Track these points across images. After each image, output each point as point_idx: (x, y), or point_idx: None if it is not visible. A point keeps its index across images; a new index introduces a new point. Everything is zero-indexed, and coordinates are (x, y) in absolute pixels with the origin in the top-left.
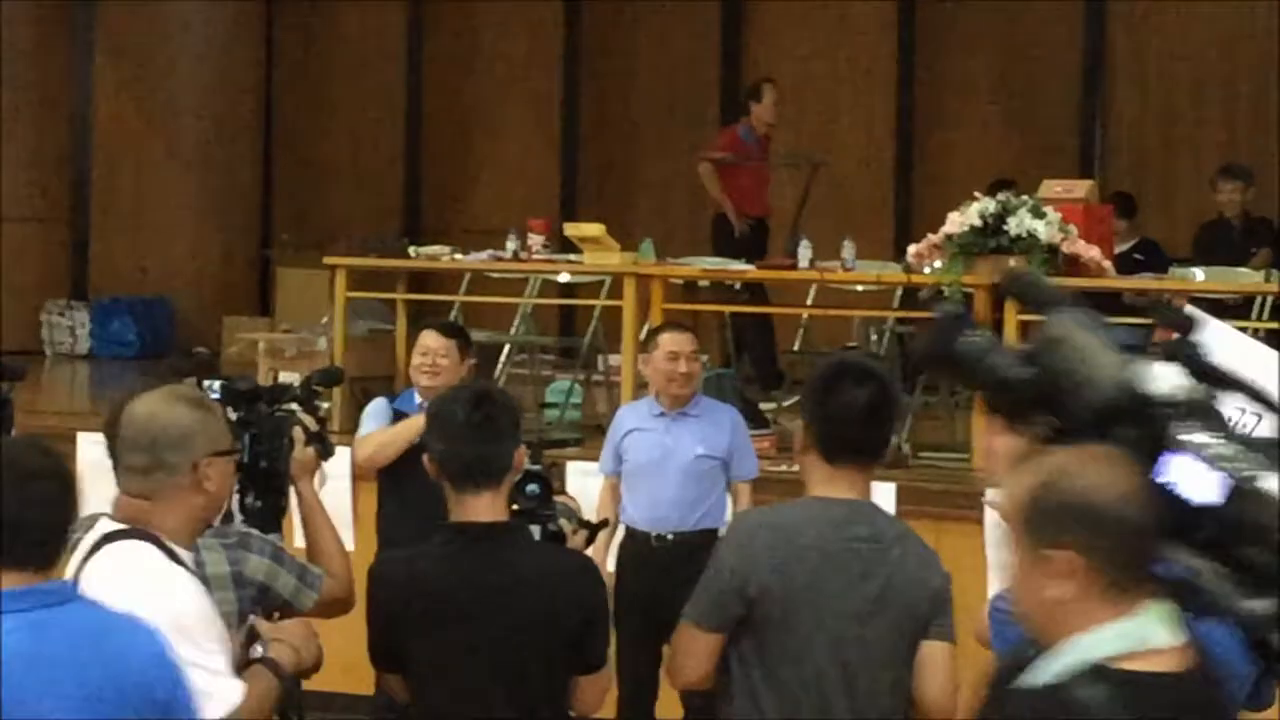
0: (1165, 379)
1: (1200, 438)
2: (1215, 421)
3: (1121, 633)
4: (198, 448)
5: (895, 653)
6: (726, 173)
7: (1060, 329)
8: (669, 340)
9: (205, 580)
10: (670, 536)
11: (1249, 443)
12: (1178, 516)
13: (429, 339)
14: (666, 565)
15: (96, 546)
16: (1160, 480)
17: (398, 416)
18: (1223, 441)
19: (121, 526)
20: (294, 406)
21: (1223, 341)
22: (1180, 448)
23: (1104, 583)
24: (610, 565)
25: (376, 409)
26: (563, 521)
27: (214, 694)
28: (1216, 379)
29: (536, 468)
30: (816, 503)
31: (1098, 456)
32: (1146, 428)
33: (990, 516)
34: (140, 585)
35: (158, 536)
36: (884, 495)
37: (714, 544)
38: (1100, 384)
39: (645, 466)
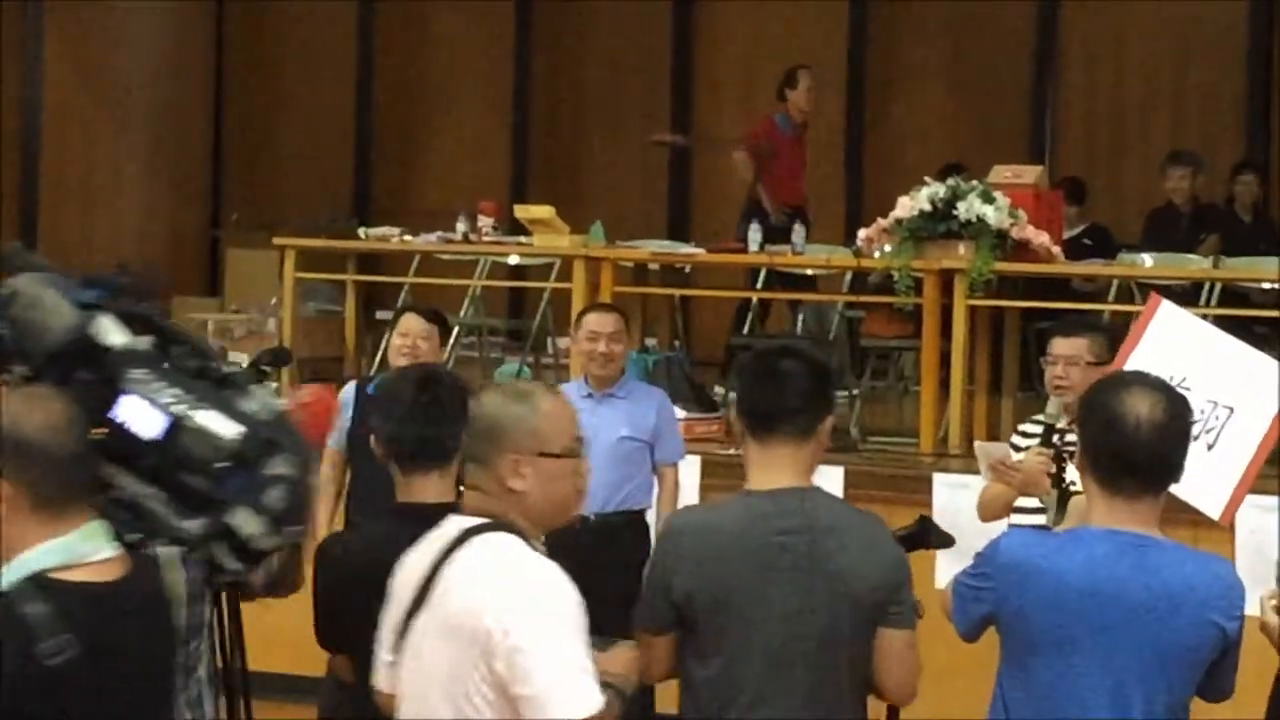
0: (115, 332)
1: (147, 381)
2: (160, 369)
3: (56, 548)
4: (508, 444)
5: (837, 647)
6: (762, 161)
7: (20, 284)
8: (590, 320)
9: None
10: (592, 518)
11: (189, 386)
12: (128, 448)
13: (411, 322)
14: (589, 545)
15: (461, 540)
16: (114, 417)
17: (368, 401)
18: (165, 384)
19: (481, 520)
20: None
21: (1181, 328)
22: (130, 389)
23: (36, 505)
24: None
25: (345, 397)
26: None
27: (584, 695)
28: (163, 334)
29: None
30: (744, 499)
31: (33, 395)
32: (101, 371)
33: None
34: (530, 576)
35: (519, 529)
36: (832, 479)
37: (636, 525)
38: (57, 332)
39: None
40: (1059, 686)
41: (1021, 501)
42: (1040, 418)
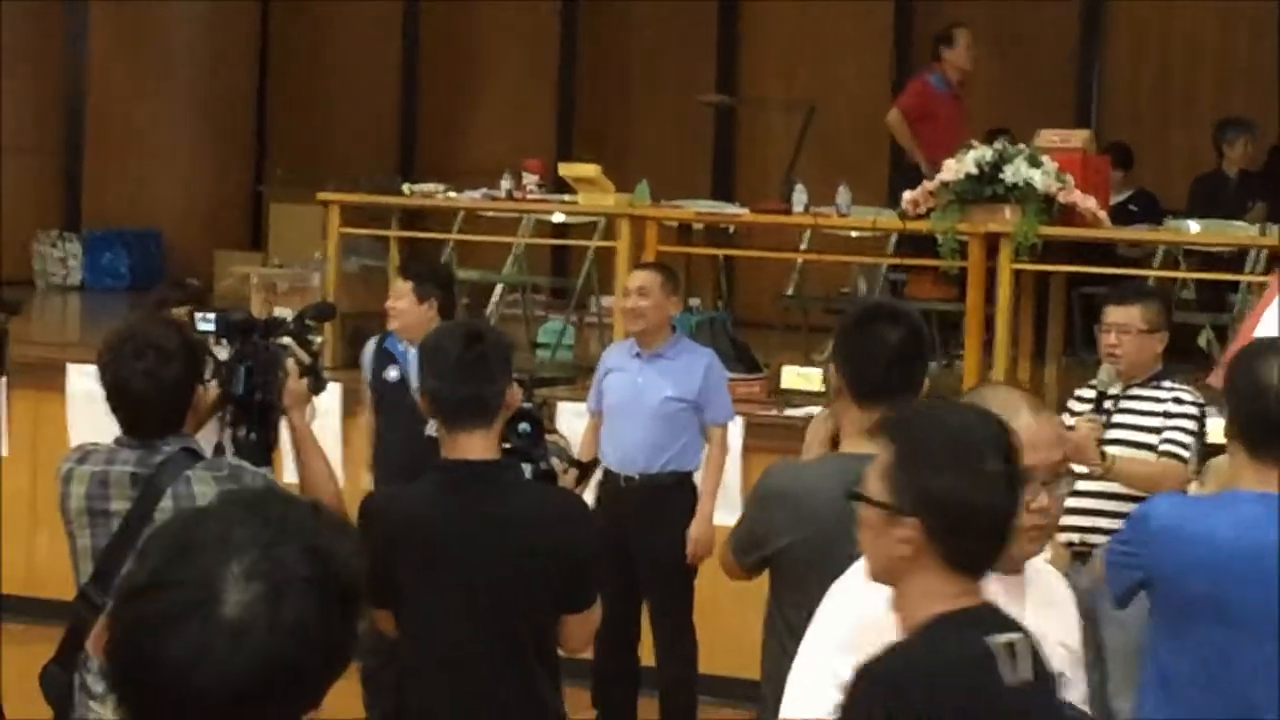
0: None
1: None
2: None
3: None
4: None
5: None
6: (917, 122)
7: None
8: (627, 278)
9: None
10: (638, 478)
11: None
12: None
13: (395, 283)
14: (635, 506)
15: None
16: None
17: (385, 357)
18: None
19: None
20: (287, 340)
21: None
22: None
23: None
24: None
25: (365, 357)
26: (554, 460)
27: None
28: None
29: (528, 406)
30: (838, 460)
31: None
32: None
33: None
34: None
35: None
36: None
37: (684, 485)
38: None
39: (617, 407)
40: (1220, 652)
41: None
42: (1094, 384)
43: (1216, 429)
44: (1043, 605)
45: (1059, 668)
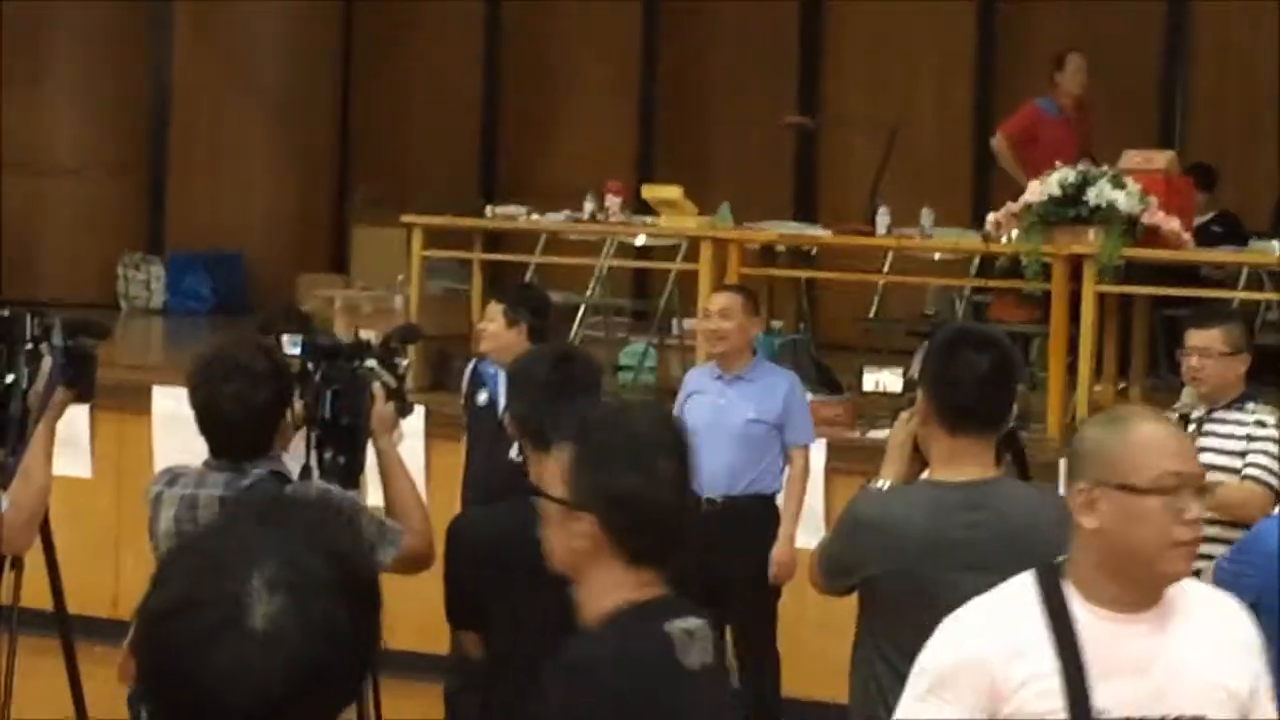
0: None
1: None
2: None
3: None
4: (1081, 472)
5: None
6: (1021, 145)
7: None
8: (708, 300)
9: None
10: (720, 500)
11: None
12: None
13: (486, 304)
14: (717, 528)
15: None
16: None
17: (477, 380)
18: None
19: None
20: (373, 363)
21: None
22: None
23: None
24: None
25: (463, 383)
26: None
27: None
28: None
29: None
30: (928, 490)
31: None
32: None
33: None
34: None
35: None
36: None
37: (765, 508)
38: None
39: (700, 429)
40: None
41: None
42: (1177, 407)
43: None
44: (1196, 641)
45: (1204, 711)
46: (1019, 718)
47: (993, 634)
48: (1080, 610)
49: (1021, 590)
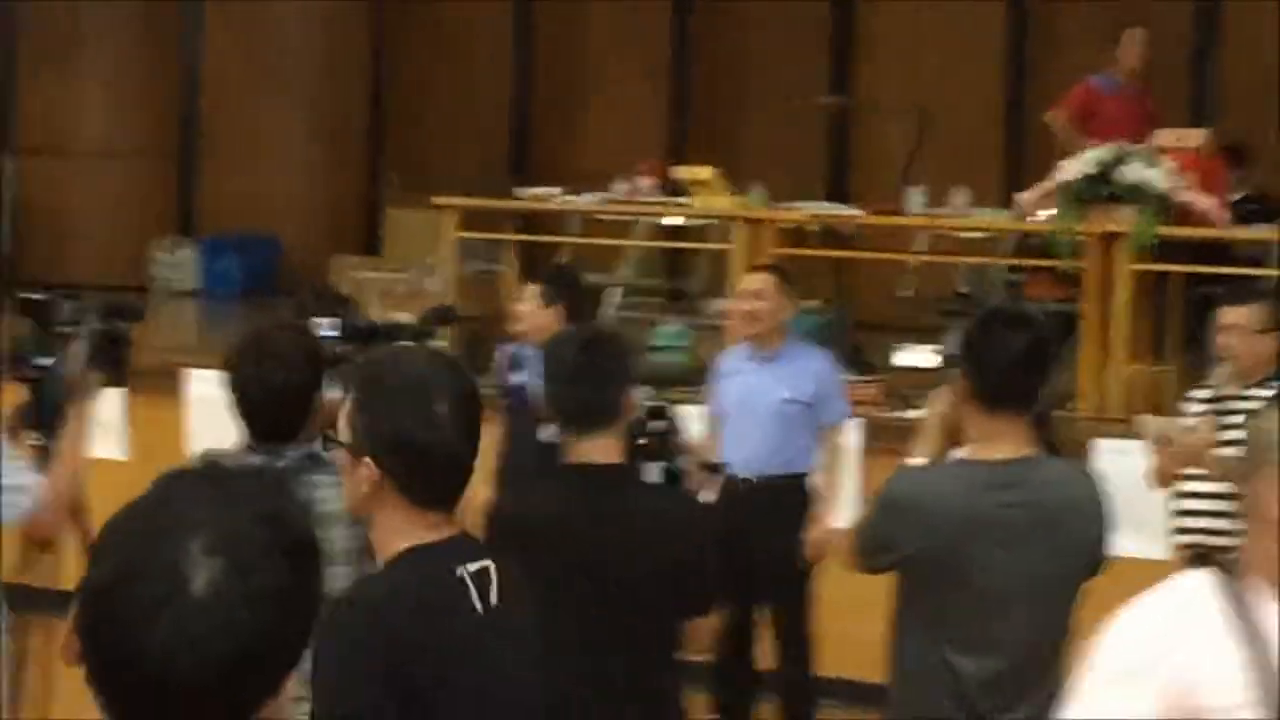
0: None
1: None
2: None
3: None
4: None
5: (1055, 612)
6: (1077, 120)
7: None
8: (742, 280)
9: (318, 517)
10: (755, 479)
11: None
12: None
13: (520, 285)
14: (752, 508)
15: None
16: None
17: (513, 363)
18: None
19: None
20: (409, 344)
21: None
22: None
23: None
24: None
25: (500, 358)
26: (684, 460)
27: None
28: None
29: (660, 405)
30: (964, 467)
31: None
32: None
33: None
34: None
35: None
36: None
37: (799, 487)
38: None
39: (734, 409)
40: None
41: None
42: (1208, 384)
43: None
44: None
45: None
46: (1203, 718)
47: (1171, 631)
48: (1264, 604)
49: (1196, 585)
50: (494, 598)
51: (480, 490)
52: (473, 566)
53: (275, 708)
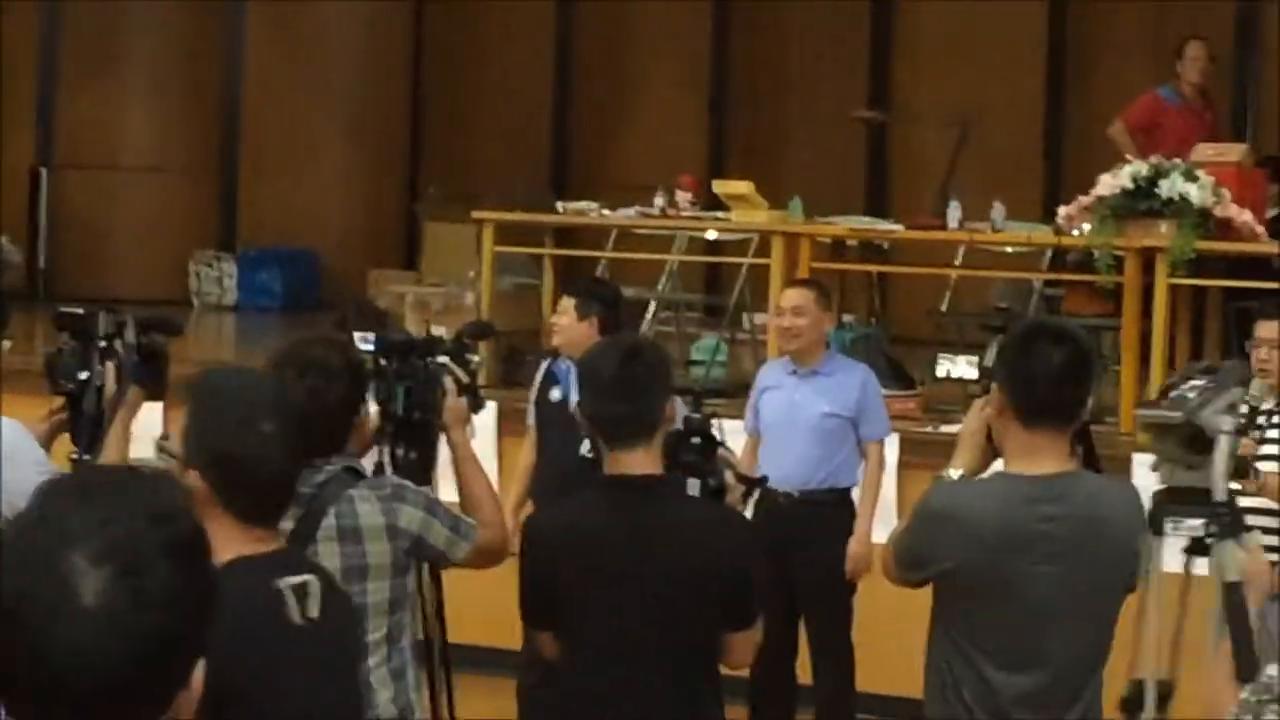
0: None
1: None
2: None
3: None
4: None
5: (1098, 627)
6: (1140, 133)
7: None
8: (781, 295)
9: (357, 531)
10: (796, 494)
11: None
12: None
13: (558, 299)
14: (793, 522)
15: None
16: None
17: (550, 379)
18: None
19: None
20: (445, 359)
21: None
22: None
23: None
24: None
25: (535, 380)
26: (723, 473)
27: None
28: None
29: (698, 417)
30: (1003, 481)
31: None
32: None
33: None
34: None
35: None
36: None
37: (842, 502)
38: None
39: (775, 424)
40: None
41: None
42: (1246, 399)
43: None
44: None
45: None
46: None
47: None
48: None
49: None
50: (314, 611)
51: (513, 500)
52: (294, 580)
53: (186, 698)
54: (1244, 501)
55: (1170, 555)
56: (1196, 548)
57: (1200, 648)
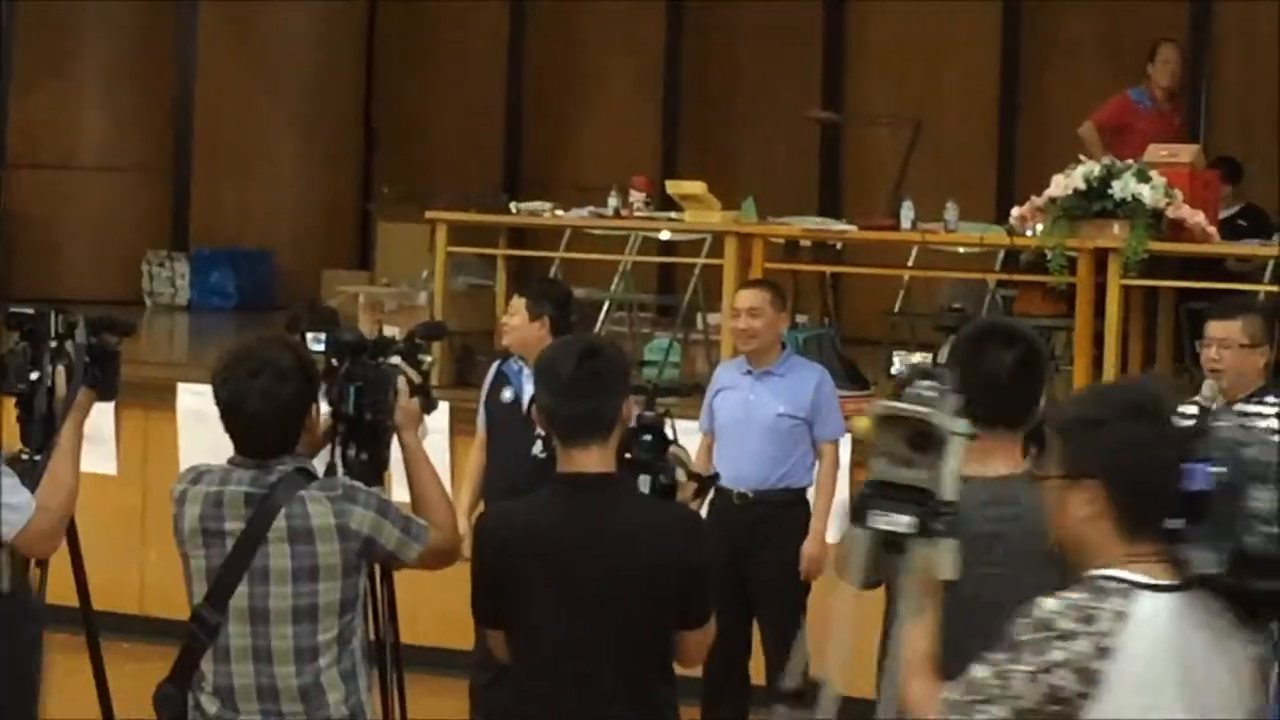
0: None
1: None
2: None
3: None
4: None
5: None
6: (1117, 138)
7: None
8: (736, 297)
9: (309, 531)
10: (751, 494)
11: None
12: None
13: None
14: (748, 523)
15: None
16: None
17: (501, 380)
18: None
19: None
20: (397, 360)
21: None
22: None
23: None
24: None
25: (485, 381)
26: (676, 472)
27: None
28: None
29: (651, 415)
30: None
31: None
32: None
33: None
34: None
35: None
36: None
37: (797, 502)
38: None
39: (729, 424)
40: None
41: None
42: (1196, 400)
43: None
44: None
45: None
46: None
47: None
48: None
49: None
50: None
51: (465, 503)
52: None
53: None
54: None
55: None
56: (893, 545)
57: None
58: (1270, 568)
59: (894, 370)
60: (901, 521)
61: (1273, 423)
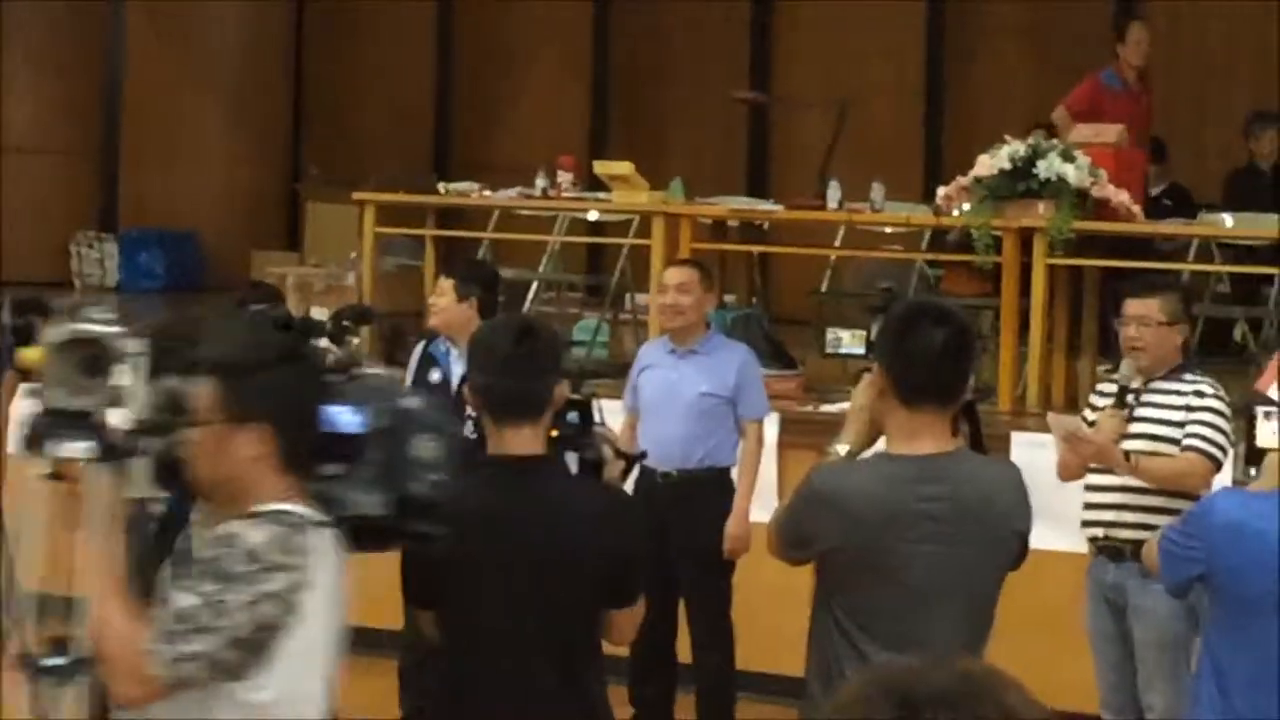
0: None
1: None
2: None
3: None
4: None
5: (978, 608)
6: (1083, 118)
7: None
8: (664, 274)
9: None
10: (674, 473)
11: None
12: None
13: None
14: (671, 501)
15: None
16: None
17: (428, 361)
18: None
19: None
20: (324, 342)
21: None
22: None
23: None
24: None
25: (411, 362)
26: (603, 449)
27: None
28: None
29: (577, 396)
30: (887, 463)
31: None
32: None
33: None
34: None
35: None
36: None
37: (719, 481)
38: None
39: (653, 402)
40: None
41: None
42: (1115, 378)
43: (1269, 433)
44: None
45: None
46: None
47: None
48: None
49: None
50: None
51: None
52: None
53: None
54: (1105, 480)
55: None
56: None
57: None
58: (431, 511)
59: (827, 348)
60: (80, 448)
61: (1192, 399)
